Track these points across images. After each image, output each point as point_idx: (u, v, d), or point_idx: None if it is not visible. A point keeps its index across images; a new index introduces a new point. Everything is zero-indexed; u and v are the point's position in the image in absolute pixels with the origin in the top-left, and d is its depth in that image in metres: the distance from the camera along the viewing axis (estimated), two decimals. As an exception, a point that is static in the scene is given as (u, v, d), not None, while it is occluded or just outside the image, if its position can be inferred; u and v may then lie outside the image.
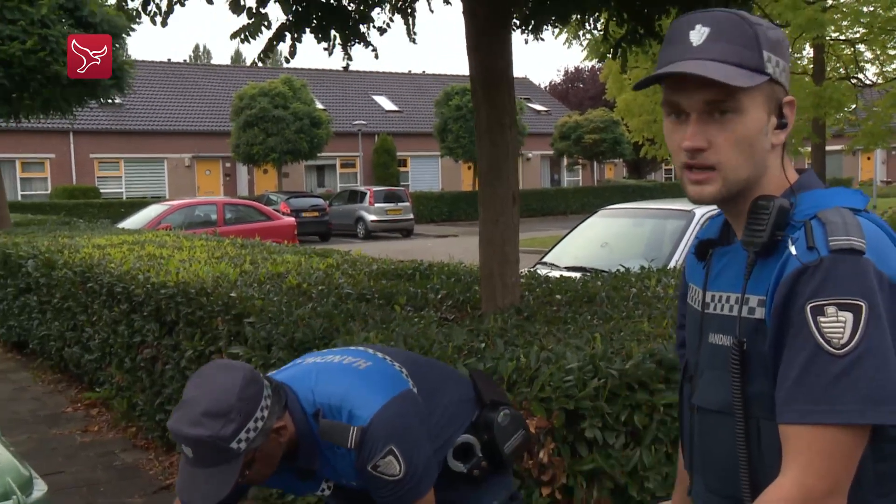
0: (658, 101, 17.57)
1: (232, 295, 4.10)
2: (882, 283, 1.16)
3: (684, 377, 1.50)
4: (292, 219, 16.60)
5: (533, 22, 4.05)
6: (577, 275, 5.06)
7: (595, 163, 38.72)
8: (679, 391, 1.54)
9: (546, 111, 41.93)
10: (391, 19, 4.18)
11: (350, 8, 3.72)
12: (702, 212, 5.85)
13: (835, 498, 1.16)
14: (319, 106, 31.14)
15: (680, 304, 1.59)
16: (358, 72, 41.30)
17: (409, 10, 4.11)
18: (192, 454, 1.74)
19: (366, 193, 26.09)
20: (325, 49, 3.74)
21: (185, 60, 38.93)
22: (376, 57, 4.01)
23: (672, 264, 5.45)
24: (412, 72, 44.78)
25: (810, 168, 1.41)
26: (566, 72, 52.20)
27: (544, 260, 6.86)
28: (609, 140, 33.54)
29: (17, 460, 1.67)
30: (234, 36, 3.56)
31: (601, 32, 4.37)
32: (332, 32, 3.67)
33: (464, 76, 41.02)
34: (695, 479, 1.49)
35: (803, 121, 15.90)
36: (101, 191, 30.54)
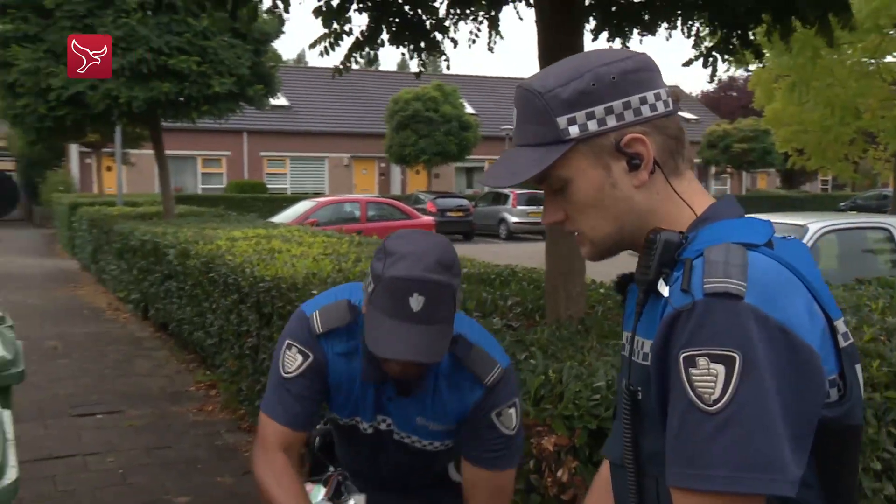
0: (806, 110, 16.45)
1: (314, 292, 4.18)
2: (768, 329, 0.98)
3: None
4: (431, 219, 16.85)
5: (617, 29, 3.87)
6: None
7: (744, 172, 36.92)
8: None
9: (695, 119, 40.41)
10: (478, 30, 4.12)
11: (426, 19, 3.69)
12: (817, 226, 5.40)
13: None
14: (469, 110, 31.43)
15: None
16: (512, 78, 41.37)
17: (494, 21, 4.04)
18: (421, 305, 1.61)
19: (509, 196, 26.09)
20: (403, 53, 3.74)
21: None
22: (448, 67, 3.97)
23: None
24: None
25: (728, 195, 1.23)
26: (719, 80, 50.19)
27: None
28: (758, 150, 31.89)
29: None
30: (312, 46, 3.62)
31: (691, 39, 4.11)
32: (408, 42, 3.65)
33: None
34: None
35: (889, 119, 14.38)
36: (269, 186, 32.21)
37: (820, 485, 1.07)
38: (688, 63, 3.94)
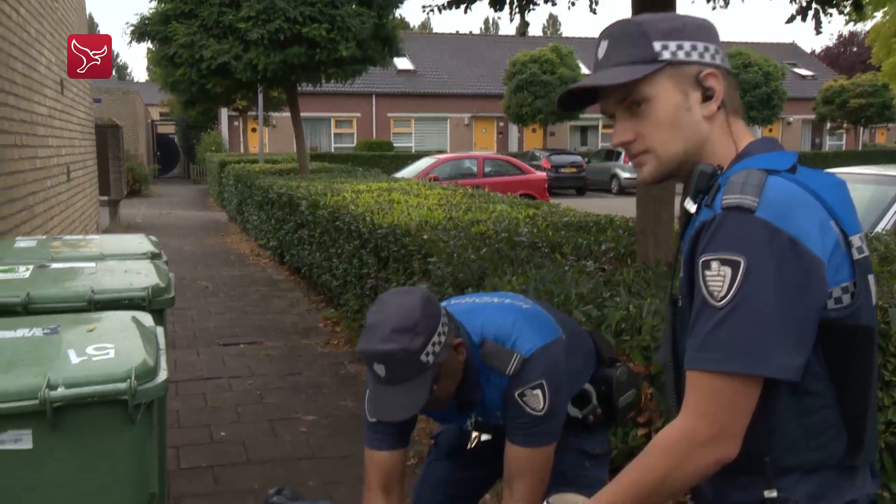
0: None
1: (424, 237, 4.33)
2: (777, 238, 1.08)
3: None
4: (543, 174, 16.71)
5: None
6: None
7: (861, 127, 34.38)
8: None
9: (812, 76, 37.84)
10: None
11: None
12: (920, 178, 5.08)
13: (720, 443, 1.11)
14: (585, 71, 30.66)
15: None
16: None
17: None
18: (384, 372, 1.70)
19: (621, 152, 25.45)
20: (499, 18, 3.76)
21: (469, 32, 40.03)
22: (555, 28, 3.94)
23: (878, 230, 4.84)
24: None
25: (768, 136, 1.31)
26: (840, 36, 46.70)
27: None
28: (877, 104, 29.62)
29: (146, 352, 1.91)
30: (424, 7, 3.70)
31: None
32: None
33: (733, 41, 38.02)
34: None
35: None
36: (395, 145, 32.72)
37: (829, 376, 1.15)
38: (790, 20, 3.77)
